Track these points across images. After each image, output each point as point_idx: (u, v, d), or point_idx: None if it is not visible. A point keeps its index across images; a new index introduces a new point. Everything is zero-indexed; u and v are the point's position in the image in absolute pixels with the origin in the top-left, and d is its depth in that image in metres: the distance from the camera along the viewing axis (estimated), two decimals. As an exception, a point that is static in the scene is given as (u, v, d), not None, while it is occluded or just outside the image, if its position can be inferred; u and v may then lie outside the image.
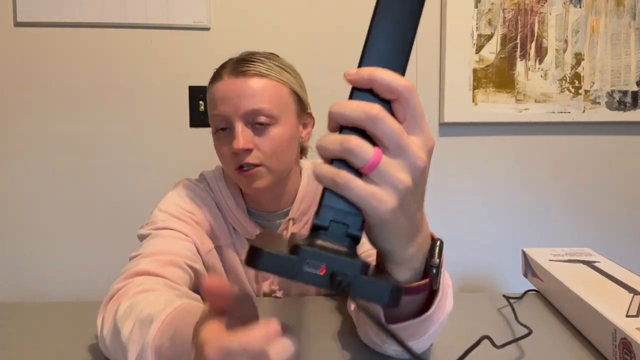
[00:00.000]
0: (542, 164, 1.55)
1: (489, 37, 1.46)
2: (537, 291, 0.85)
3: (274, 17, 1.42)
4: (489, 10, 1.45)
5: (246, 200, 0.83)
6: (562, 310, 0.74)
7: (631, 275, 0.75)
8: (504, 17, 1.46)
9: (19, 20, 1.35)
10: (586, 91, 1.50)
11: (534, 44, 1.48)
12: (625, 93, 1.50)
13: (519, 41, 1.47)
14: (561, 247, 0.91)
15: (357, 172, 0.34)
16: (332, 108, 0.35)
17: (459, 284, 1.55)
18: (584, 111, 1.50)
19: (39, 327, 0.70)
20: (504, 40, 1.47)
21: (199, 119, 1.42)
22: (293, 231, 0.81)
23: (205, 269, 0.79)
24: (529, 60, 1.48)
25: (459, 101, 1.47)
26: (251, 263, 0.33)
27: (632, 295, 0.66)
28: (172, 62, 1.41)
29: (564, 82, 1.49)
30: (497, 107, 1.48)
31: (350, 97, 0.35)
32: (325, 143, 0.34)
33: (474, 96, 1.47)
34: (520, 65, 1.48)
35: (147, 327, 0.49)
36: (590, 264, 0.82)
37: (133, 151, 1.43)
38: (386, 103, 0.35)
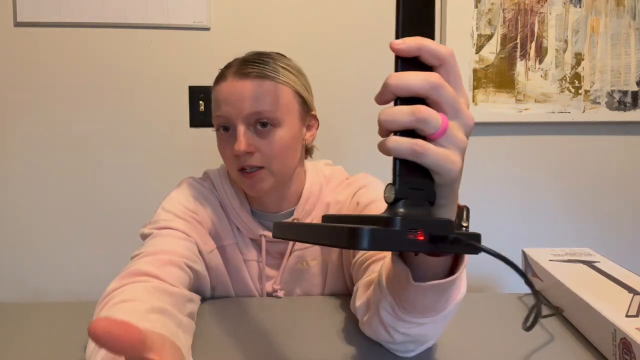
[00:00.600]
0: (542, 164, 1.55)
1: (489, 37, 1.46)
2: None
3: (274, 17, 1.42)
4: (489, 10, 1.45)
5: (250, 201, 0.83)
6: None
7: (631, 275, 0.75)
8: (504, 17, 1.46)
9: (19, 20, 1.35)
10: (586, 91, 1.50)
11: (534, 44, 1.48)
12: (625, 93, 1.51)
13: (519, 41, 1.47)
14: (561, 247, 0.91)
15: (423, 139, 0.36)
16: (391, 80, 0.35)
17: (459, 284, 1.55)
18: (584, 111, 1.50)
19: (39, 327, 0.70)
20: (504, 40, 1.47)
21: (199, 119, 1.42)
22: None
23: (207, 269, 0.79)
24: (529, 60, 1.48)
25: (459, 101, 1.47)
26: (355, 244, 0.32)
27: (632, 295, 0.66)
28: (172, 62, 1.41)
29: (564, 82, 1.49)
30: (497, 107, 1.48)
31: (397, 68, 0.36)
32: (393, 116, 0.35)
33: (474, 96, 1.47)
34: (520, 65, 1.48)
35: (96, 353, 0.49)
36: (590, 264, 0.82)
37: (133, 151, 1.43)
38: (428, 70, 0.37)
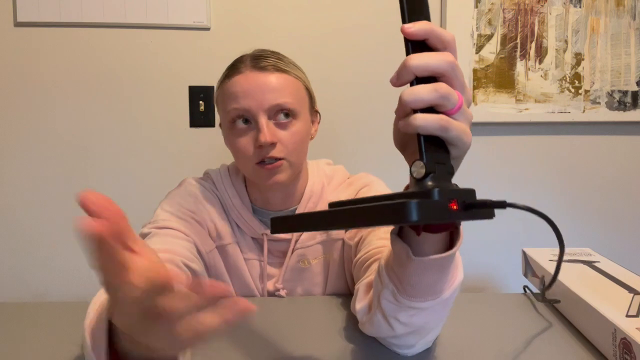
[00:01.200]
0: (542, 164, 1.55)
1: (489, 37, 1.46)
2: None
3: (274, 17, 1.42)
4: (489, 10, 1.45)
5: (252, 199, 0.83)
6: (562, 310, 0.74)
7: (631, 275, 0.75)
8: (504, 17, 1.46)
9: (19, 20, 1.35)
10: (586, 91, 1.50)
11: (534, 44, 1.48)
12: (625, 93, 1.51)
13: (519, 41, 1.47)
14: (561, 247, 0.91)
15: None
16: (412, 61, 0.37)
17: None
18: (584, 111, 1.50)
19: (39, 327, 0.70)
20: (504, 40, 1.47)
21: (199, 119, 1.42)
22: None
23: (207, 268, 0.79)
24: (529, 60, 1.48)
25: (459, 101, 1.47)
26: (404, 218, 0.34)
27: (632, 295, 0.66)
28: (172, 62, 1.41)
29: (564, 82, 1.49)
30: (497, 107, 1.48)
31: (409, 51, 0.39)
32: (418, 94, 0.37)
33: (474, 96, 1.47)
34: (520, 65, 1.48)
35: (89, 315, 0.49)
36: (590, 263, 0.82)
37: (133, 151, 1.43)
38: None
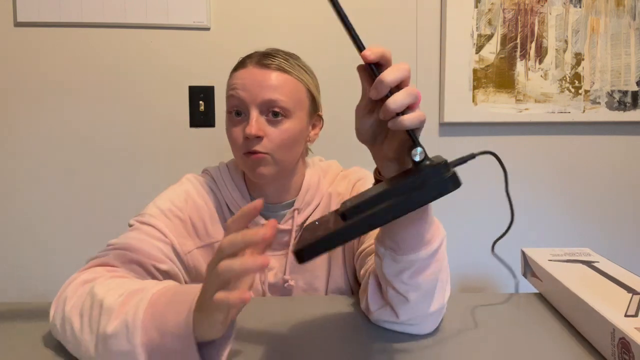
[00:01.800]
0: (542, 164, 1.55)
1: (489, 37, 1.46)
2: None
3: (274, 17, 1.42)
4: (489, 10, 1.45)
5: (250, 192, 0.85)
6: (561, 310, 0.74)
7: (630, 275, 0.75)
8: (504, 17, 1.46)
9: (19, 20, 1.35)
10: (586, 91, 1.50)
11: (534, 44, 1.48)
12: (625, 93, 1.51)
13: (519, 41, 1.47)
14: (560, 247, 0.91)
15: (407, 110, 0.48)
16: (387, 77, 0.46)
17: (459, 284, 1.55)
18: (584, 111, 1.50)
19: (39, 327, 0.70)
20: (504, 40, 1.47)
21: (199, 119, 1.42)
22: (298, 220, 0.84)
23: (186, 269, 0.81)
24: (529, 60, 1.48)
25: (459, 101, 1.47)
26: (458, 185, 0.47)
27: (631, 295, 0.66)
28: (172, 62, 1.41)
29: (564, 82, 1.49)
30: (497, 107, 1.48)
31: (377, 71, 0.47)
32: (401, 100, 0.47)
33: (474, 96, 1.47)
34: (520, 65, 1.48)
35: (140, 293, 0.54)
36: (589, 264, 0.82)
37: (133, 151, 1.43)
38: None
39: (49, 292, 1.44)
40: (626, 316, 0.59)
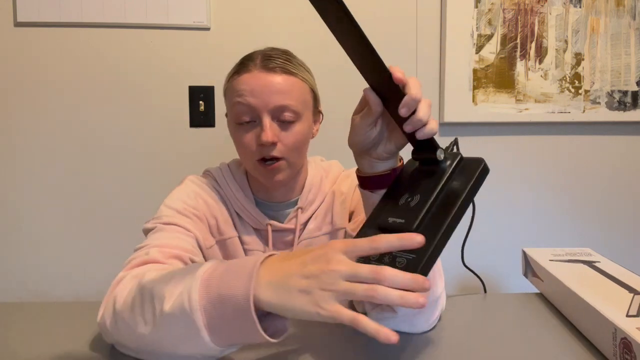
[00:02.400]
0: (542, 164, 1.55)
1: (489, 37, 1.46)
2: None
3: (274, 17, 1.42)
4: (489, 10, 1.45)
5: (254, 192, 0.85)
6: (563, 310, 0.74)
7: (631, 275, 0.75)
8: (504, 17, 1.46)
9: (19, 20, 1.35)
10: (586, 91, 1.50)
11: (534, 44, 1.48)
12: (625, 93, 1.51)
13: (519, 41, 1.47)
14: (561, 247, 0.91)
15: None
16: (417, 95, 0.53)
17: (459, 284, 1.55)
18: (584, 111, 1.50)
19: (39, 327, 0.70)
20: (504, 40, 1.47)
21: (199, 119, 1.42)
22: (302, 219, 0.85)
23: None
24: (529, 60, 1.48)
25: (459, 101, 1.47)
26: (487, 172, 0.55)
27: (633, 295, 0.66)
28: (172, 62, 1.41)
29: (564, 82, 1.49)
30: (497, 107, 1.48)
31: (401, 92, 0.53)
32: (427, 110, 0.55)
33: (474, 96, 1.47)
34: (520, 65, 1.48)
35: (194, 269, 0.53)
36: (590, 264, 0.82)
37: (133, 151, 1.43)
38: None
39: (48, 292, 1.44)
40: (628, 316, 0.59)
